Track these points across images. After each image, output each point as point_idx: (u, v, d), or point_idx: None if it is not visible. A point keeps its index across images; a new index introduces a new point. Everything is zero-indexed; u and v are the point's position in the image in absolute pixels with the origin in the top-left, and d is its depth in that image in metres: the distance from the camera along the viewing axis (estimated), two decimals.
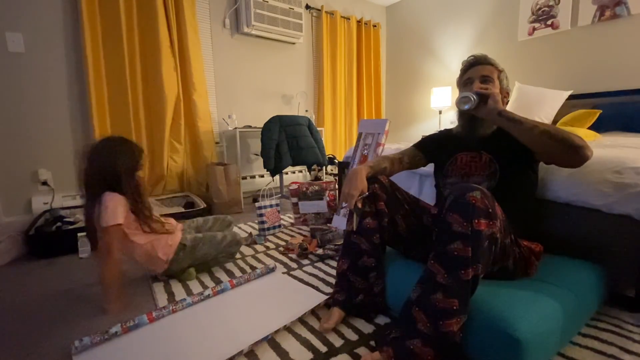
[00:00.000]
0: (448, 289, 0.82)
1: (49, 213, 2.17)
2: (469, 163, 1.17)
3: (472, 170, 1.15)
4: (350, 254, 1.15)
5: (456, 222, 0.83)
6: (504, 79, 1.18)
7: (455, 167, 1.20)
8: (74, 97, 2.37)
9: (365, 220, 1.12)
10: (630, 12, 2.50)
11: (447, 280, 0.82)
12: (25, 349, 1.04)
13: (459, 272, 0.81)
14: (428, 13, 3.96)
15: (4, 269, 1.68)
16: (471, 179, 1.14)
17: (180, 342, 1.03)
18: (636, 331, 1.03)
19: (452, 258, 0.83)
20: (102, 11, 2.36)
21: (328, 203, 2.24)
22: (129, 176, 1.34)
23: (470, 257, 0.81)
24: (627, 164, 1.10)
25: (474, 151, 1.17)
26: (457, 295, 0.81)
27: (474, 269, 0.81)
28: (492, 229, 0.83)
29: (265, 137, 2.72)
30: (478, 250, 0.81)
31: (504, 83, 1.17)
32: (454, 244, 0.83)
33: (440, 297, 0.82)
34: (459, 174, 1.18)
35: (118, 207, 1.27)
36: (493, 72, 1.15)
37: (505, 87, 1.18)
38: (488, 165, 1.12)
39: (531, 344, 0.77)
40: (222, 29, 3.08)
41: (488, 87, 1.10)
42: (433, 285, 0.84)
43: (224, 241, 1.54)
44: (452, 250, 0.83)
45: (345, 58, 3.97)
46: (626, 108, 2.38)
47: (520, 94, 2.83)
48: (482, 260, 0.83)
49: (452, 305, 0.81)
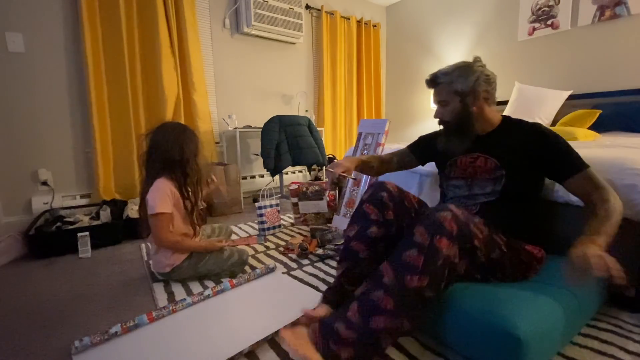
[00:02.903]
0: (388, 289, 0.82)
1: (49, 213, 2.17)
2: (470, 165, 1.15)
3: (476, 173, 1.14)
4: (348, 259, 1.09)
5: (419, 233, 0.85)
6: (466, 88, 1.08)
7: (457, 169, 1.19)
8: (74, 97, 2.37)
9: (371, 229, 1.07)
10: (630, 12, 2.50)
11: (391, 282, 0.83)
12: (25, 349, 1.04)
13: (405, 276, 0.82)
14: (428, 13, 3.96)
15: (4, 269, 1.68)
16: (476, 181, 1.13)
17: (180, 342, 1.03)
18: (636, 331, 1.03)
19: (403, 263, 0.83)
20: (102, 11, 2.36)
21: (328, 203, 2.24)
22: (194, 160, 1.41)
23: (419, 266, 0.81)
24: (626, 165, 1.10)
25: (472, 152, 1.16)
26: (395, 297, 0.81)
27: (420, 279, 0.81)
28: (449, 251, 0.83)
29: (265, 137, 2.72)
30: (430, 263, 0.81)
31: (468, 97, 1.09)
32: (410, 251, 0.84)
33: (380, 295, 0.82)
34: (461, 177, 1.17)
35: (164, 196, 1.33)
36: (445, 93, 1.12)
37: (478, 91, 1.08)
38: (494, 170, 1.10)
39: (531, 343, 0.77)
40: (222, 29, 3.08)
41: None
42: (377, 284, 0.85)
43: (230, 260, 1.49)
44: (406, 257, 0.84)
45: (345, 58, 3.97)
46: (626, 108, 2.38)
47: (520, 94, 2.83)
48: (431, 276, 0.81)
49: (387, 304, 0.81)
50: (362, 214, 1.10)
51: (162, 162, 1.37)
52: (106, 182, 2.45)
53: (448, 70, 1.12)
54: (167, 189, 1.36)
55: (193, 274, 1.45)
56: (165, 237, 1.35)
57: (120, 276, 1.56)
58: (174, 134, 1.38)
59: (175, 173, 1.38)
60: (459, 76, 1.09)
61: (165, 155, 1.36)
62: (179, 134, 1.38)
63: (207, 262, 1.45)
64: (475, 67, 1.09)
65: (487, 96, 1.11)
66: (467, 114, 1.11)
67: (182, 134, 1.39)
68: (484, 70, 1.10)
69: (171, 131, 1.38)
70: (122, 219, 2.15)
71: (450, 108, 1.12)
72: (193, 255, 1.44)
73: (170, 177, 1.38)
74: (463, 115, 1.11)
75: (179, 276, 1.43)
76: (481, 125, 1.14)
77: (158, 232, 1.34)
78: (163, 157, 1.36)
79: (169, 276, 1.43)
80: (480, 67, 1.10)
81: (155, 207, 1.32)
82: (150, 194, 1.34)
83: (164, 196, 1.34)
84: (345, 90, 4.02)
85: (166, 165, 1.37)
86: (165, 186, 1.35)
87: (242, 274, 1.49)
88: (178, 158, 1.36)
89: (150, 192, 1.34)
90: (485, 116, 1.13)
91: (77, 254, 1.83)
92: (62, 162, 2.36)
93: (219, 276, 1.50)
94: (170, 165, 1.37)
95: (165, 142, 1.36)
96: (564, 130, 1.98)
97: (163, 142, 1.36)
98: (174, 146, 1.36)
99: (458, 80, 1.09)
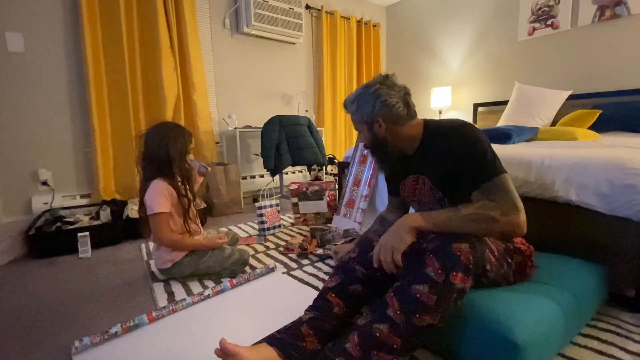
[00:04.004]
0: (396, 327, 0.76)
1: (49, 213, 2.17)
2: (414, 187, 1.08)
3: (421, 196, 1.07)
4: (319, 310, 0.98)
5: (432, 268, 0.77)
6: (368, 117, 1.00)
7: (407, 193, 1.12)
8: (74, 97, 2.37)
9: (355, 286, 1.00)
10: (630, 12, 2.50)
11: (398, 318, 0.77)
12: (25, 349, 1.04)
13: (414, 315, 0.76)
14: (428, 13, 3.96)
15: (4, 269, 1.68)
16: (424, 206, 1.07)
17: (180, 342, 1.03)
18: (636, 331, 1.03)
19: (412, 299, 0.77)
20: (102, 11, 2.36)
21: (328, 203, 2.24)
22: (180, 160, 1.41)
23: (432, 305, 0.75)
24: (627, 165, 1.10)
25: (412, 174, 1.08)
26: (403, 337, 0.76)
27: (431, 317, 0.76)
28: (464, 284, 0.78)
29: (265, 137, 2.72)
30: (443, 301, 0.76)
31: (374, 124, 1.01)
32: (420, 286, 0.77)
33: (385, 330, 0.76)
34: (413, 201, 1.12)
35: (161, 196, 1.35)
36: (355, 121, 1.06)
37: (380, 118, 0.99)
38: (432, 192, 1.02)
39: (530, 347, 0.76)
40: (222, 29, 3.08)
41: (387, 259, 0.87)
42: (382, 315, 0.79)
43: (231, 258, 1.49)
44: (415, 291, 0.77)
45: (345, 58, 3.98)
46: (626, 108, 2.38)
47: (520, 94, 2.83)
48: (443, 311, 0.77)
49: (394, 343, 0.76)
50: (350, 269, 1.03)
51: (152, 163, 1.39)
52: (106, 182, 2.45)
53: (351, 98, 1.05)
54: (164, 189, 1.37)
55: (193, 271, 1.45)
56: (165, 236, 1.37)
57: (120, 276, 1.56)
58: (160, 135, 1.39)
59: (167, 173, 1.40)
60: (358, 106, 1.02)
61: (153, 157, 1.39)
62: (165, 134, 1.39)
63: (208, 260, 1.45)
64: (371, 94, 0.99)
65: (393, 120, 0.99)
66: (378, 141, 1.03)
67: (168, 134, 1.40)
68: (381, 95, 0.98)
69: (158, 132, 1.40)
70: (122, 219, 2.15)
71: (363, 136, 1.07)
72: (194, 252, 1.44)
73: (165, 177, 1.40)
74: (375, 142, 1.04)
75: (180, 273, 1.44)
76: (401, 146, 1.04)
77: (158, 232, 1.36)
78: (151, 158, 1.39)
79: (169, 272, 1.44)
80: (377, 92, 0.98)
81: (153, 207, 1.34)
82: (147, 195, 1.36)
83: (161, 196, 1.36)
84: (345, 90, 4.02)
85: (157, 166, 1.39)
86: (161, 186, 1.37)
87: (242, 274, 1.49)
88: (165, 158, 1.38)
89: (148, 193, 1.36)
90: (400, 137, 1.02)
91: (77, 254, 1.83)
92: (62, 162, 2.36)
93: (219, 275, 1.50)
94: (160, 166, 1.39)
95: (152, 144, 1.38)
96: (564, 131, 1.98)
97: (151, 144, 1.39)
98: (160, 147, 1.37)
99: (358, 111, 1.02)
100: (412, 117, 1.03)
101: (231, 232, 1.79)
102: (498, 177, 0.88)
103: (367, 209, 2.02)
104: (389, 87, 1.00)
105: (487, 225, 0.82)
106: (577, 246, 1.18)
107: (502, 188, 0.87)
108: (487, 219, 0.82)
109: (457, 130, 0.95)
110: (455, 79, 3.77)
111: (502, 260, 0.91)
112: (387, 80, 1.01)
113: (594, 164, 1.15)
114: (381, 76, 1.02)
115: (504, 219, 0.82)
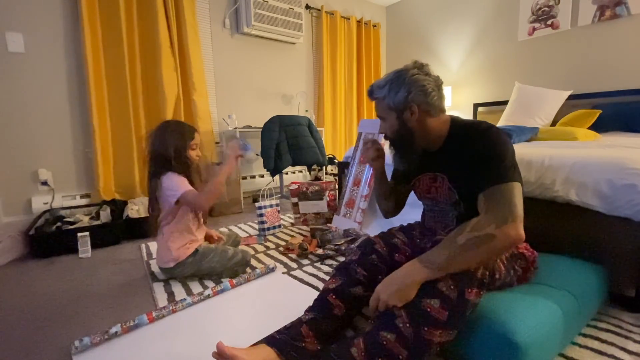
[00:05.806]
0: (403, 338, 0.74)
1: (49, 213, 2.17)
2: (430, 185, 1.05)
3: (437, 196, 1.04)
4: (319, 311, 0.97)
5: (445, 285, 0.76)
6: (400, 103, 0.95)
7: (421, 189, 1.10)
8: (74, 97, 2.37)
9: (355, 288, 0.99)
10: (630, 12, 2.50)
11: (406, 330, 0.74)
12: (25, 349, 1.04)
13: (422, 329, 0.74)
14: (428, 13, 3.96)
15: (4, 269, 1.68)
16: (438, 205, 1.06)
17: (180, 342, 1.03)
18: (636, 331, 1.03)
19: (422, 312, 0.75)
20: (102, 11, 2.36)
21: (328, 203, 2.24)
22: (178, 155, 1.42)
23: (443, 320, 0.74)
24: (626, 165, 1.10)
25: (430, 172, 1.04)
26: (409, 349, 0.74)
27: (441, 334, 0.74)
28: (478, 298, 0.78)
29: (265, 137, 2.72)
30: (456, 317, 0.75)
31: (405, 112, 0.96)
32: (431, 300, 0.75)
33: (392, 339, 0.74)
34: (427, 199, 1.09)
35: (179, 180, 1.38)
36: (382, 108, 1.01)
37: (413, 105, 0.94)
38: (449, 193, 0.99)
39: (530, 347, 0.77)
40: (222, 29, 3.08)
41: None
42: (389, 324, 0.77)
43: (234, 259, 1.49)
44: (426, 305, 0.75)
45: (345, 58, 3.97)
46: (626, 108, 2.38)
47: (520, 94, 2.83)
48: (455, 326, 0.75)
49: (400, 353, 0.73)
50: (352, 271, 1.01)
51: (155, 160, 1.42)
52: (106, 182, 2.45)
53: (381, 83, 0.99)
54: (179, 177, 1.40)
55: (195, 272, 1.46)
56: (202, 201, 1.38)
57: (120, 276, 1.56)
58: (159, 132, 1.42)
59: (170, 168, 1.41)
60: (390, 90, 0.96)
61: (155, 155, 1.41)
62: (163, 131, 1.42)
63: (211, 260, 1.46)
64: (407, 78, 0.94)
65: (427, 108, 0.95)
66: (406, 131, 0.98)
67: (166, 130, 1.42)
68: (418, 80, 0.93)
69: (158, 130, 1.43)
70: (122, 219, 2.15)
71: (389, 124, 1.01)
72: (197, 252, 1.44)
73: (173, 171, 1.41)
74: (402, 132, 0.98)
75: (182, 273, 1.44)
76: (427, 140, 1.00)
77: (195, 204, 1.39)
78: (154, 155, 1.42)
79: (171, 272, 1.44)
80: (414, 77, 0.94)
81: (179, 190, 1.36)
82: (165, 185, 1.38)
83: (179, 180, 1.39)
84: (345, 90, 4.02)
85: (160, 163, 1.41)
86: (174, 175, 1.40)
87: (242, 274, 1.49)
88: (164, 154, 1.39)
89: (165, 184, 1.38)
90: (429, 130, 0.98)
91: (77, 254, 1.83)
92: (62, 162, 2.36)
93: (221, 276, 1.50)
94: (164, 162, 1.40)
95: (154, 142, 1.41)
96: (564, 131, 1.98)
97: (152, 142, 1.42)
98: (161, 143, 1.40)
99: (390, 95, 0.96)
100: (443, 111, 1.00)
101: (233, 234, 1.79)
102: (506, 184, 0.83)
103: (367, 209, 2.02)
104: (426, 74, 0.96)
105: (487, 246, 0.77)
106: (577, 246, 1.17)
107: (504, 196, 0.82)
108: (484, 239, 0.77)
109: (483, 132, 0.91)
110: (455, 79, 3.77)
111: (509, 268, 0.91)
112: (424, 68, 0.97)
113: (594, 164, 1.15)
114: (418, 63, 0.98)
115: (499, 233, 0.77)
